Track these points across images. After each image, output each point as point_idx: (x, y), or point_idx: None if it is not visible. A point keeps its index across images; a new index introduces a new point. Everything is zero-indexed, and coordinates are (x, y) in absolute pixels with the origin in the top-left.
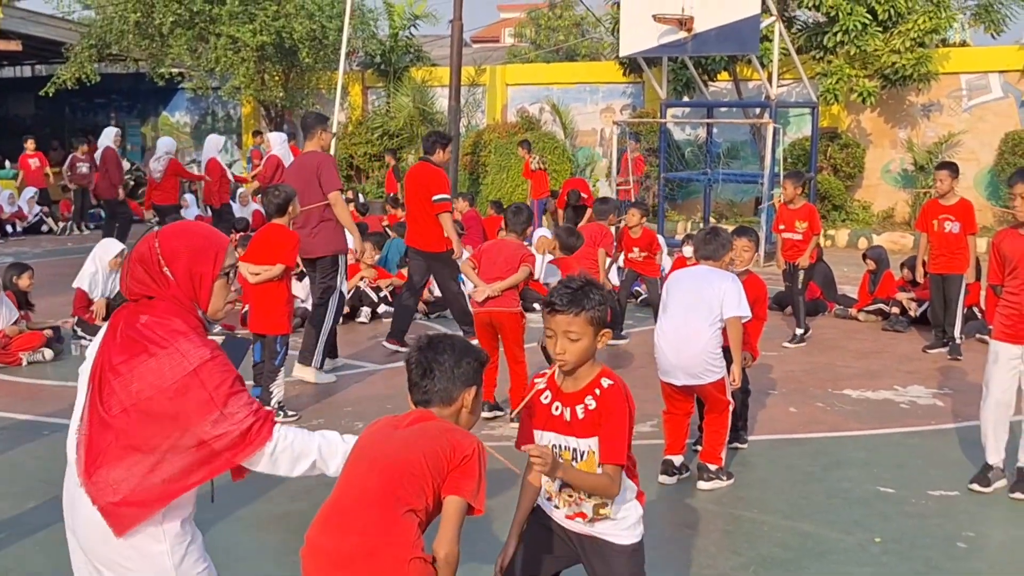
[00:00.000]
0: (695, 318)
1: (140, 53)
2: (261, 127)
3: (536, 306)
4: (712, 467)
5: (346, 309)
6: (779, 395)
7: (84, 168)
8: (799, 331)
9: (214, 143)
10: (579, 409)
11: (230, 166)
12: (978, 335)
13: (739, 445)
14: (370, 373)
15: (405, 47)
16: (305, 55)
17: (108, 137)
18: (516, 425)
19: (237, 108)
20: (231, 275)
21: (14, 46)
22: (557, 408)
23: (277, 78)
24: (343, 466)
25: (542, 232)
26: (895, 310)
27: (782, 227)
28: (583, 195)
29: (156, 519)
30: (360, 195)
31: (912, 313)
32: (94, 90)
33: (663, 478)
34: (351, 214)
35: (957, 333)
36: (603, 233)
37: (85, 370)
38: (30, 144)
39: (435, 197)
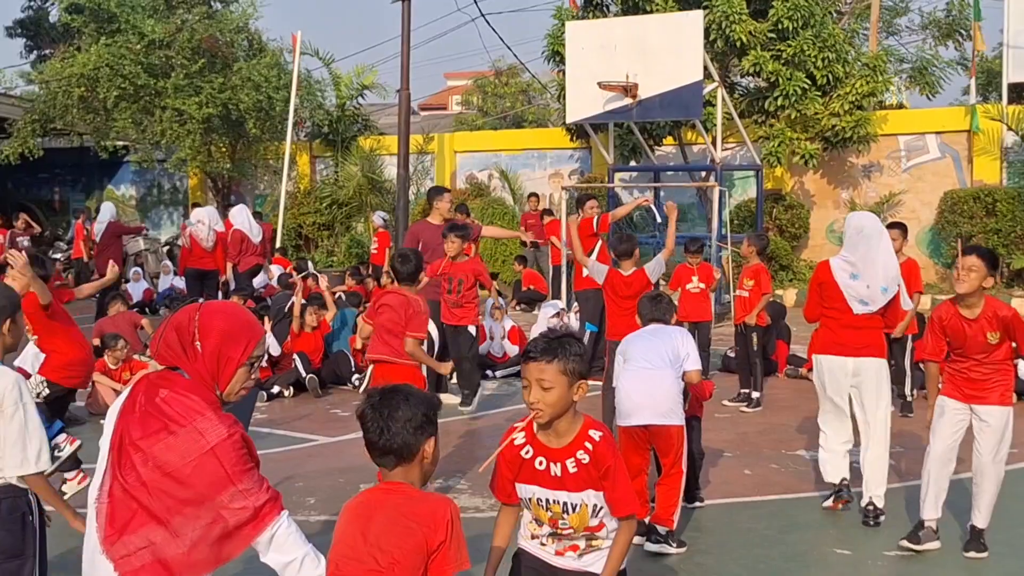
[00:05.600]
0: (659, 361)
1: (84, 127)
2: (208, 199)
3: (489, 373)
4: (662, 530)
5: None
6: (733, 457)
7: (25, 242)
8: (755, 394)
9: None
10: (570, 464)
11: (175, 239)
12: (922, 389)
13: (698, 504)
14: (321, 447)
15: (353, 117)
16: (252, 126)
17: (109, 213)
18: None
19: (184, 180)
20: (255, 365)
21: None
22: (541, 463)
23: (224, 149)
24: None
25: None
26: None
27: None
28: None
29: None
30: (309, 263)
31: None
32: (37, 165)
33: (636, 539)
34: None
35: (908, 391)
36: None
37: (105, 441)
38: None
39: None
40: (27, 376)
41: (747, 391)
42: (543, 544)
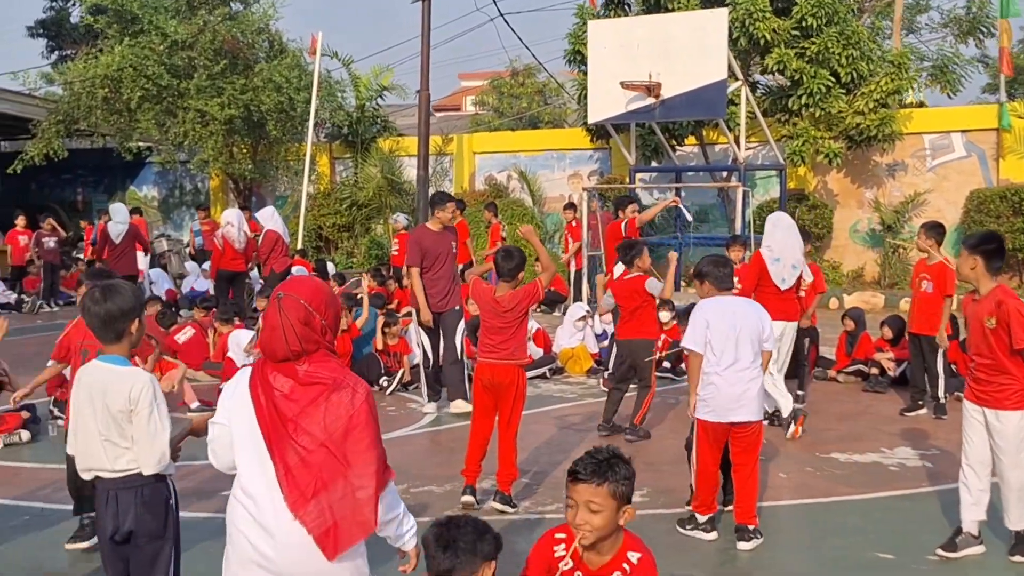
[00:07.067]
0: (746, 353)
1: (108, 128)
2: (229, 200)
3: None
4: (751, 527)
5: None
6: (767, 461)
7: (51, 243)
8: (800, 392)
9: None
10: None
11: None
12: (956, 392)
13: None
14: None
15: (372, 118)
16: (272, 127)
17: (126, 215)
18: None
19: (205, 181)
20: None
21: None
22: None
23: (245, 151)
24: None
25: None
26: (875, 371)
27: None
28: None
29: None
30: (330, 264)
31: (892, 373)
32: (61, 165)
33: (710, 536)
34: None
35: (941, 393)
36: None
37: (244, 432)
38: (20, 220)
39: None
40: (62, 377)
41: None
42: None
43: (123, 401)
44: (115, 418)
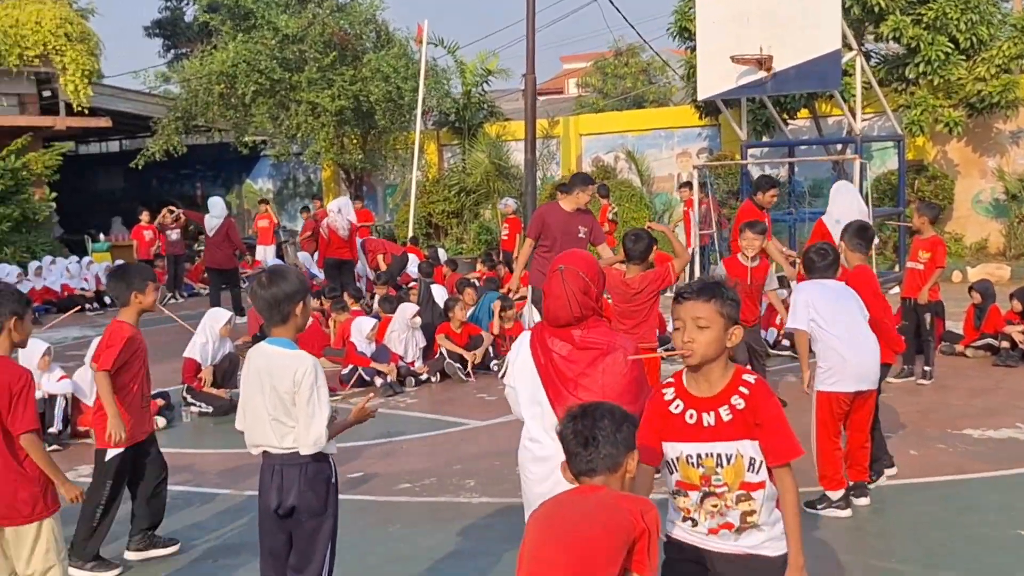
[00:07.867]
0: (858, 321)
1: (224, 123)
2: (340, 190)
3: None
4: (867, 483)
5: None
6: (896, 437)
7: (173, 236)
8: (927, 368)
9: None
10: (723, 412)
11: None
12: None
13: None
14: (474, 430)
15: (478, 104)
16: (381, 117)
17: (222, 209)
18: None
19: (317, 172)
20: None
21: (104, 123)
22: (692, 416)
23: (355, 141)
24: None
25: None
26: (1005, 344)
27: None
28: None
29: None
30: (441, 250)
31: None
32: (179, 161)
33: (845, 513)
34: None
35: None
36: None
37: (526, 387)
38: (144, 216)
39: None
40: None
41: (910, 367)
42: (695, 524)
43: (288, 383)
44: (282, 399)
